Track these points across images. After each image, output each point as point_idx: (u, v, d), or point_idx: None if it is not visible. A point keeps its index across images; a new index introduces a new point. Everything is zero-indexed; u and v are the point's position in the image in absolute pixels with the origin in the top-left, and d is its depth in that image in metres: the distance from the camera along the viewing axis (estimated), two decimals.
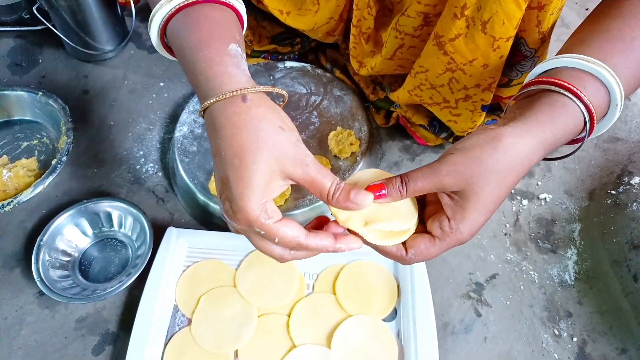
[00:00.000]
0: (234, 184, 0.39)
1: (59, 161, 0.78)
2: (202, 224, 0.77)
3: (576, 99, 0.43)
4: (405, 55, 0.70)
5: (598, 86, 0.45)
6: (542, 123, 0.43)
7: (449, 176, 0.42)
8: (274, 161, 0.40)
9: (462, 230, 0.43)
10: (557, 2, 0.54)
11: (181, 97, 0.92)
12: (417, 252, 0.45)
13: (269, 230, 0.41)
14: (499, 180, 0.42)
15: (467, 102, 0.67)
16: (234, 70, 0.42)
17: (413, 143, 0.86)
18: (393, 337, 0.64)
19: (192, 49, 0.44)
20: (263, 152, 0.39)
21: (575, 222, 0.77)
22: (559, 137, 0.44)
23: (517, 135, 0.43)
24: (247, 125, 0.40)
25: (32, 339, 0.66)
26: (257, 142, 0.39)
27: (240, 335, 0.63)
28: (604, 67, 0.44)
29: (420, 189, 0.44)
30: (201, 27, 0.44)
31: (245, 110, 0.40)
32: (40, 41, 0.99)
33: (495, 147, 0.42)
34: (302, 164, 0.41)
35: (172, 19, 0.46)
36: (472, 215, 0.43)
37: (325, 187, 0.42)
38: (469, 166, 0.42)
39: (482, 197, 0.42)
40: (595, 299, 0.70)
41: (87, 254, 0.73)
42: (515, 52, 0.62)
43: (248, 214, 0.40)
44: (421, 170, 0.44)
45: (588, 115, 0.44)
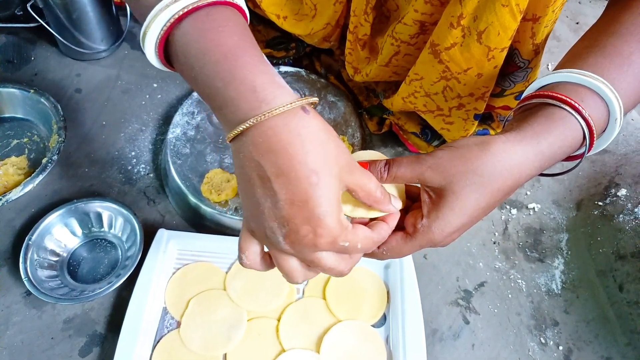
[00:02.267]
0: (315, 203, 0.36)
1: (49, 160, 0.78)
2: (193, 227, 0.77)
3: (574, 112, 0.43)
4: (400, 62, 0.70)
5: (596, 100, 0.44)
6: (538, 134, 0.42)
7: (431, 169, 0.41)
8: (341, 172, 0.38)
9: (433, 229, 0.42)
10: (551, 15, 0.55)
11: (175, 98, 0.91)
12: (389, 248, 0.44)
13: (353, 238, 0.39)
14: (482, 183, 0.41)
15: (461, 111, 0.68)
16: (280, 80, 0.37)
17: (405, 150, 0.86)
18: (382, 342, 0.64)
19: (224, 58, 0.37)
20: (335, 166, 0.37)
21: (563, 232, 0.78)
22: (556, 150, 0.43)
23: (508, 142, 0.42)
24: (316, 139, 0.36)
25: (18, 339, 0.65)
26: (327, 155, 0.37)
27: (229, 339, 0.63)
28: (602, 81, 0.43)
29: (402, 176, 0.43)
30: (230, 32, 0.38)
31: (309, 122, 0.36)
32: (33, 38, 0.98)
33: (483, 150, 0.41)
34: (357, 168, 0.40)
35: (178, 24, 0.38)
36: (447, 215, 0.41)
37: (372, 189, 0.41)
38: (453, 163, 0.41)
39: (460, 198, 0.41)
40: (582, 308, 0.71)
41: (76, 254, 0.73)
42: (509, 62, 0.63)
43: (335, 229, 0.37)
44: (407, 158, 0.43)
45: (587, 129, 0.43)
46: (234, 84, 0.36)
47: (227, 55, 0.37)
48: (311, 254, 0.39)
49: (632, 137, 0.87)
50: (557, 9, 0.55)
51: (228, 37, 0.38)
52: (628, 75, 0.45)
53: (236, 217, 0.72)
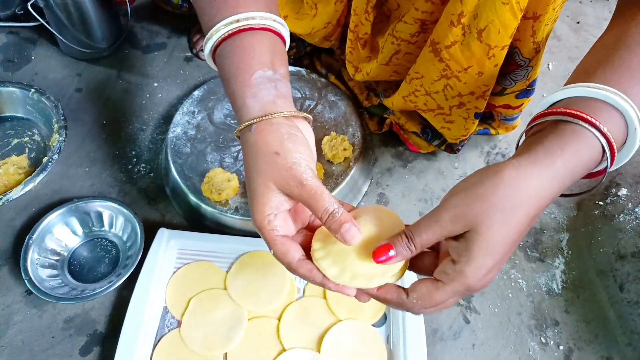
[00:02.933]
0: (249, 199, 0.46)
1: (50, 159, 0.78)
2: (193, 226, 0.77)
3: (589, 126, 0.41)
4: (401, 61, 0.70)
5: (611, 111, 0.42)
6: (551, 153, 0.41)
7: (452, 223, 0.40)
8: (270, 182, 0.44)
9: (467, 273, 0.40)
10: (551, 13, 0.55)
11: (175, 97, 0.91)
12: (419, 296, 0.42)
13: (267, 240, 0.45)
14: (505, 219, 0.39)
15: (461, 110, 0.68)
16: (250, 101, 0.47)
17: (405, 150, 0.86)
18: (382, 342, 0.64)
19: (226, 81, 0.49)
20: (259, 176, 0.45)
21: (564, 232, 0.78)
22: (572, 167, 0.41)
23: (521, 168, 0.40)
24: (249, 153, 0.46)
25: (18, 338, 0.66)
26: (256, 166, 0.45)
27: (230, 338, 0.63)
28: (614, 91, 0.42)
29: (428, 241, 0.42)
30: (231, 61, 0.48)
31: (250, 139, 0.46)
32: (33, 38, 0.98)
33: (497, 184, 0.40)
34: (298, 184, 0.43)
35: (217, 48, 0.50)
36: (478, 257, 0.39)
37: (318, 208, 0.43)
38: (471, 207, 0.40)
39: (488, 238, 0.39)
40: (582, 308, 0.71)
41: (77, 253, 0.73)
42: (510, 61, 0.63)
43: (254, 222, 0.45)
44: (424, 222, 0.42)
45: (606, 142, 0.41)
46: (233, 98, 0.49)
47: (226, 83, 0.49)
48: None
49: None
50: (558, 7, 0.55)
51: (225, 68, 0.49)
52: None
53: (237, 217, 0.72)
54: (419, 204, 0.81)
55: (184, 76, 0.95)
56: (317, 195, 0.43)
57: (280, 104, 0.47)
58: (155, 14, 1.03)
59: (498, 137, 0.89)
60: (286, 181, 0.43)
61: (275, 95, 0.47)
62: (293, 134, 0.45)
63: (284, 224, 0.46)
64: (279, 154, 0.44)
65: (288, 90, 0.49)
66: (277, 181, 0.44)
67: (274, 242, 0.45)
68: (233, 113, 0.83)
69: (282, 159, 0.44)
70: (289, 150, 0.44)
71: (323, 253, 0.45)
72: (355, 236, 0.43)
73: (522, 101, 0.70)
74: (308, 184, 0.43)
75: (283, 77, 0.49)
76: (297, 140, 0.45)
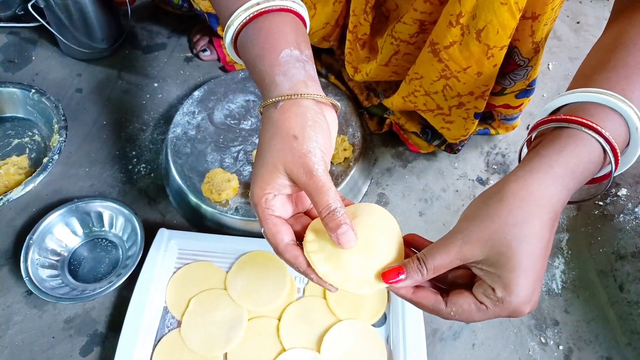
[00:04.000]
0: (253, 173, 0.46)
1: (50, 159, 0.78)
2: (193, 226, 0.77)
3: (585, 128, 0.41)
4: (400, 62, 0.71)
5: (610, 114, 0.42)
6: (547, 159, 0.41)
7: (465, 244, 0.40)
8: (280, 163, 0.43)
9: (508, 301, 0.39)
10: (550, 13, 0.55)
11: (175, 98, 0.92)
12: (459, 311, 0.41)
13: (260, 217, 0.45)
14: (522, 232, 0.38)
15: (461, 110, 0.68)
16: (280, 78, 0.45)
17: (406, 150, 0.86)
18: (382, 342, 0.64)
19: (252, 64, 0.48)
20: (270, 155, 0.43)
21: (564, 232, 0.78)
22: (572, 168, 0.41)
23: (520, 180, 0.40)
24: (268, 129, 0.45)
25: (19, 338, 0.66)
26: (270, 145, 0.44)
27: (230, 338, 0.63)
28: (611, 94, 0.42)
29: (441, 265, 0.41)
30: (256, 44, 0.47)
31: (273, 115, 0.44)
32: (34, 38, 0.98)
33: (502, 199, 0.39)
34: (307, 173, 0.42)
35: (239, 35, 0.49)
36: (513, 281, 0.38)
37: (320, 203, 0.42)
38: (481, 228, 0.39)
39: (513, 257, 0.38)
40: (582, 308, 0.71)
41: (77, 253, 0.73)
42: (509, 61, 0.63)
43: (252, 197, 0.45)
44: (436, 246, 0.41)
45: (606, 143, 0.41)
46: (260, 78, 0.47)
47: (252, 64, 0.47)
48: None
49: None
50: (557, 7, 0.55)
51: (252, 50, 0.47)
52: (639, 84, 0.43)
53: (237, 217, 0.72)
54: (419, 204, 0.81)
55: (184, 76, 0.95)
56: (323, 190, 0.42)
57: (312, 86, 0.45)
58: (155, 14, 1.03)
59: (498, 137, 0.89)
60: (297, 167, 0.42)
61: (305, 76, 0.45)
62: (317, 122, 0.44)
63: (281, 206, 0.46)
64: (297, 138, 0.42)
65: (315, 73, 0.48)
66: (288, 165, 0.43)
67: (265, 221, 0.44)
68: (233, 113, 0.83)
69: (298, 144, 0.42)
70: (309, 138, 0.43)
71: (316, 246, 0.44)
72: (351, 241, 0.42)
73: (522, 101, 0.70)
74: (317, 176, 0.42)
75: (309, 58, 0.48)
76: (319, 129, 0.44)
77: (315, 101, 0.45)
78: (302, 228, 0.47)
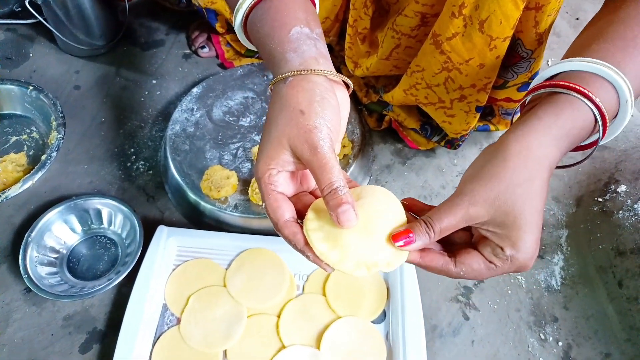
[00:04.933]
0: (259, 148, 0.45)
1: (48, 157, 0.77)
2: (192, 223, 0.77)
3: (580, 96, 0.42)
4: (401, 55, 0.70)
5: (603, 83, 0.43)
6: (545, 120, 0.42)
7: (473, 206, 0.40)
8: (284, 138, 0.42)
9: (517, 257, 0.41)
10: (554, 3, 0.55)
11: (174, 95, 0.91)
12: (468, 270, 0.43)
13: (263, 192, 0.44)
14: (527, 191, 0.40)
15: (462, 103, 0.68)
16: (291, 55, 0.45)
17: (405, 147, 0.86)
18: (382, 338, 0.64)
19: (262, 44, 0.47)
20: (276, 129, 0.43)
21: (563, 228, 0.78)
22: (568, 131, 0.42)
23: (521, 139, 0.41)
24: (276, 104, 0.44)
25: (18, 336, 0.66)
26: (277, 120, 0.43)
27: (229, 335, 0.63)
28: (606, 65, 0.43)
29: (448, 226, 0.41)
30: (265, 23, 0.47)
31: (282, 90, 0.44)
32: (31, 35, 0.98)
33: (505, 158, 0.41)
34: (312, 149, 0.41)
35: (248, 17, 0.49)
36: (521, 239, 0.40)
37: (323, 180, 0.41)
38: (486, 188, 0.40)
39: (519, 215, 0.40)
40: (581, 304, 0.71)
41: (76, 251, 0.73)
42: (512, 52, 0.62)
43: (256, 171, 0.44)
44: (442, 208, 0.42)
45: (597, 111, 0.42)
46: (266, 60, 0.47)
47: (262, 42, 0.47)
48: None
49: (632, 134, 0.87)
50: None
51: (262, 28, 0.47)
52: (634, 58, 0.45)
53: (236, 214, 0.72)
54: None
55: (183, 73, 0.95)
56: (327, 167, 0.41)
57: (323, 63, 0.45)
58: (153, 10, 1.03)
59: (497, 133, 0.88)
60: (301, 143, 0.41)
61: (316, 53, 0.45)
62: (326, 98, 0.43)
63: (285, 182, 0.45)
64: (304, 113, 0.42)
65: (327, 51, 0.47)
66: (293, 140, 0.42)
67: (267, 196, 0.43)
68: (232, 110, 0.83)
69: (305, 119, 0.42)
70: (315, 113, 0.42)
71: (316, 224, 0.43)
72: (351, 220, 0.40)
73: (523, 94, 0.70)
74: (321, 152, 0.41)
75: (320, 36, 0.47)
76: (327, 106, 0.43)
77: (326, 78, 0.44)
78: (304, 207, 0.46)
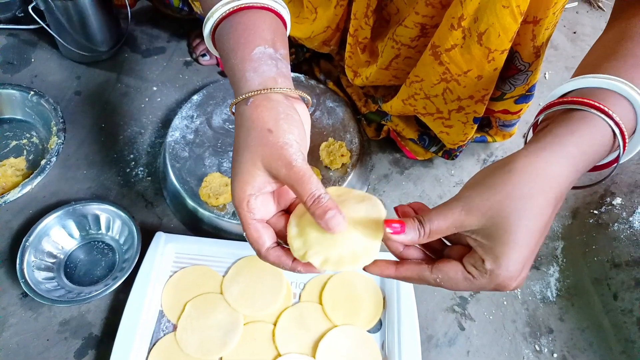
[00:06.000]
0: (232, 174, 0.45)
1: (48, 162, 0.78)
2: (191, 230, 0.77)
3: (597, 112, 0.41)
4: (400, 65, 0.71)
5: (619, 100, 0.42)
6: (561, 137, 0.40)
7: (466, 213, 0.39)
8: (258, 159, 0.42)
9: (496, 273, 0.38)
10: (552, 17, 0.56)
11: (174, 101, 0.92)
12: (445, 278, 0.41)
13: (242, 221, 0.44)
14: (524, 207, 0.38)
15: (460, 114, 0.68)
16: (250, 74, 0.45)
17: (403, 157, 0.87)
18: (377, 348, 0.64)
19: (225, 57, 0.48)
20: (247, 152, 0.43)
21: (559, 240, 0.79)
22: (585, 150, 0.40)
23: (531, 155, 0.39)
24: (242, 127, 0.44)
25: (13, 340, 0.65)
26: (246, 142, 0.43)
27: (225, 343, 0.63)
28: (621, 80, 0.42)
29: (438, 229, 0.40)
30: (231, 37, 0.47)
31: (245, 112, 0.44)
32: (33, 40, 0.98)
33: (509, 172, 0.39)
34: (287, 165, 0.41)
35: (217, 27, 0.49)
36: (505, 255, 0.38)
37: (304, 193, 0.41)
38: (483, 197, 0.39)
39: (509, 230, 0.38)
40: (576, 316, 0.71)
41: (73, 256, 0.73)
42: (510, 65, 0.63)
43: (233, 199, 0.44)
44: (436, 210, 0.41)
45: (616, 127, 0.41)
46: (231, 73, 0.47)
47: (226, 58, 0.48)
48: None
49: None
50: (558, 12, 0.56)
51: (227, 43, 0.47)
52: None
53: (234, 221, 0.72)
54: None
55: (183, 80, 0.95)
56: (305, 179, 0.41)
57: (281, 82, 0.45)
58: (155, 18, 1.04)
59: (494, 144, 0.89)
60: (275, 161, 0.42)
61: (276, 72, 0.45)
62: (290, 115, 0.44)
63: (263, 206, 0.45)
64: (272, 131, 0.42)
65: (289, 71, 0.48)
66: (266, 160, 0.42)
67: (247, 226, 0.44)
68: (232, 118, 0.83)
69: (274, 137, 0.42)
70: (283, 130, 0.42)
71: (297, 232, 0.44)
72: (340, 224, 0.40)
73: (520, 106, 0.71)
74: (296, 166, 0.41)
75: (284, 57, 0.48)
76: (292, 122, 0.44)
77: (285, 95, 0.45)
78: (284, 227, 0.46)
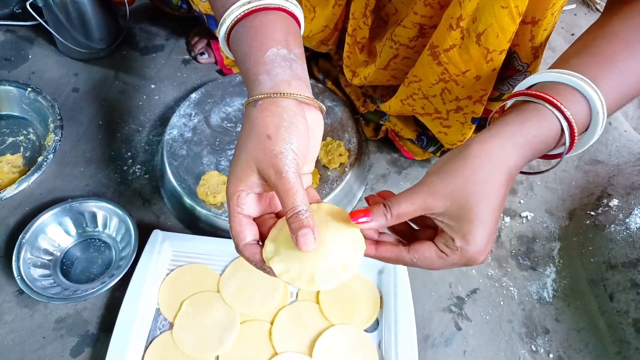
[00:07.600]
0: (230, 170, 0.46)
1: (45, 158, 0.77)
2: (188, 228, 0.77)
3: (549, 105, 0.44)
4: (399, 65, 0.71)
5: (575, 95, 0.45)
6: (511, 127, 0.44)
7: (429, 195, 0.43)
8: (253, 162, 0.44)
9: (466, 249, 0.43)
10: (550, 18, 0.56)
11: (172, 99, 0.92)
12: (420, 258, 0.45)
13: (230, 213, 0.45)
14: (483, 189, 0.42)
15: (458, 114, 0.68)
16: (263, 77, 0.45)
17: (401, 157, 0.87)
18: (374, 347, 0.64)
19: (240, 62, 0.48)
20: (245, 153, 0.44)
21: (555, 241, 0.79)
22: (531, 139, 0.44)
23: (484, 142, 0.44)
24: (246, 127, 0.45)
25: (9, 338, 0.65)
26: (245, 143, 0.44)
27: (222, 341, 0.63)
28: (580, 77, 0.45)
29: (404, 212, 0.43)
30: (244, 42, 0.47)
31: (252, 114, 0.45)
32: (31, 37, 0.98)
33: (466, 158, 0.43)
34: (277, 174, 0.42)
35: (231, 31, 0.49)
36: (471, 232, 0.42)
37: (286, 204, 0.42)
38: (445, 182, 0.43)
39: (472, 210, 0.42)
40: (572, 317, 0.72)
41: (70, 253, 0.73)
42: (508, 65, 0.63)
43: (227, 192, 0.45)
44: (401, 195, 0.44)
45: (565, 121, 0.44)
46: (246, 77, 0.48)
47: (240, 61, 0.48)
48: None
49: (625, 149, 0.89)
50: (557, 12, 0.56)
51: (241, 47, 0.48)
52: (611, 73, 0.47)
53: None
54: None
55: (182, 78, 0.95)
56: (292, 191, 0.42)
57: (295, 85, 0.45)
58: (154, 15, 1.04)
59: None
60: (267, 167, 0.43)
61: (290, 75, 0.45)
62: (294, 123, 0.43)
63: (252, 204, 0.46)
64: (270, 138, 0.43)
65: (304, 72, 0.47)
66: (260, 164, 0.43)
67: (233, 218, 0.45)
68: (230, 116, 0.83)
69: (271, 144, 0.43)
70: (282, 139, 0.43)
71: (273, 247, 0.45)
72: (309, 244, 0.42)
73: None
74: (285, 177, 0.42)
75: (298, 57, 0.47)
76: (294, 131, 0.43)
77: (297, 101, 0.44)
78: (268, 229, 0.47)
